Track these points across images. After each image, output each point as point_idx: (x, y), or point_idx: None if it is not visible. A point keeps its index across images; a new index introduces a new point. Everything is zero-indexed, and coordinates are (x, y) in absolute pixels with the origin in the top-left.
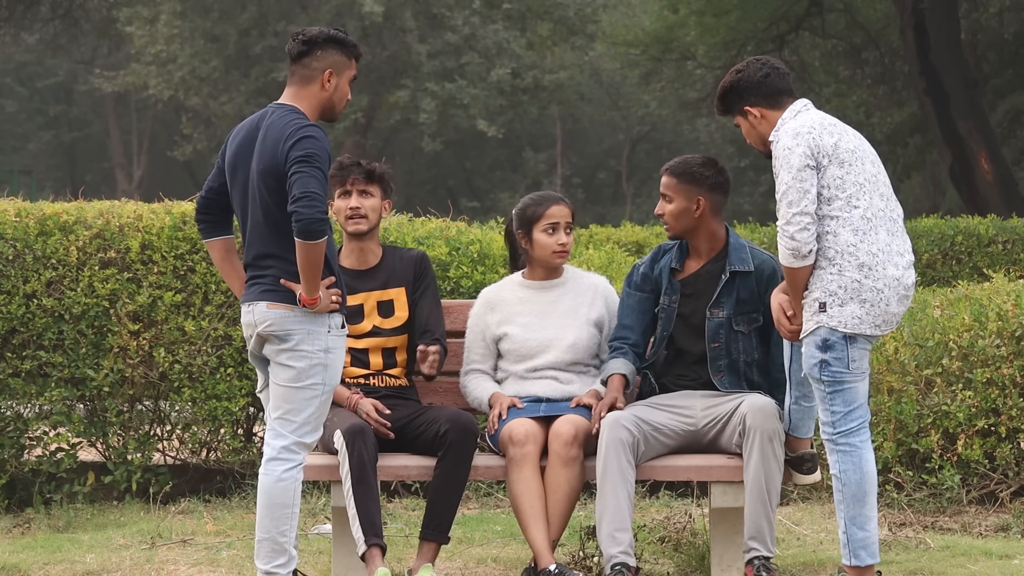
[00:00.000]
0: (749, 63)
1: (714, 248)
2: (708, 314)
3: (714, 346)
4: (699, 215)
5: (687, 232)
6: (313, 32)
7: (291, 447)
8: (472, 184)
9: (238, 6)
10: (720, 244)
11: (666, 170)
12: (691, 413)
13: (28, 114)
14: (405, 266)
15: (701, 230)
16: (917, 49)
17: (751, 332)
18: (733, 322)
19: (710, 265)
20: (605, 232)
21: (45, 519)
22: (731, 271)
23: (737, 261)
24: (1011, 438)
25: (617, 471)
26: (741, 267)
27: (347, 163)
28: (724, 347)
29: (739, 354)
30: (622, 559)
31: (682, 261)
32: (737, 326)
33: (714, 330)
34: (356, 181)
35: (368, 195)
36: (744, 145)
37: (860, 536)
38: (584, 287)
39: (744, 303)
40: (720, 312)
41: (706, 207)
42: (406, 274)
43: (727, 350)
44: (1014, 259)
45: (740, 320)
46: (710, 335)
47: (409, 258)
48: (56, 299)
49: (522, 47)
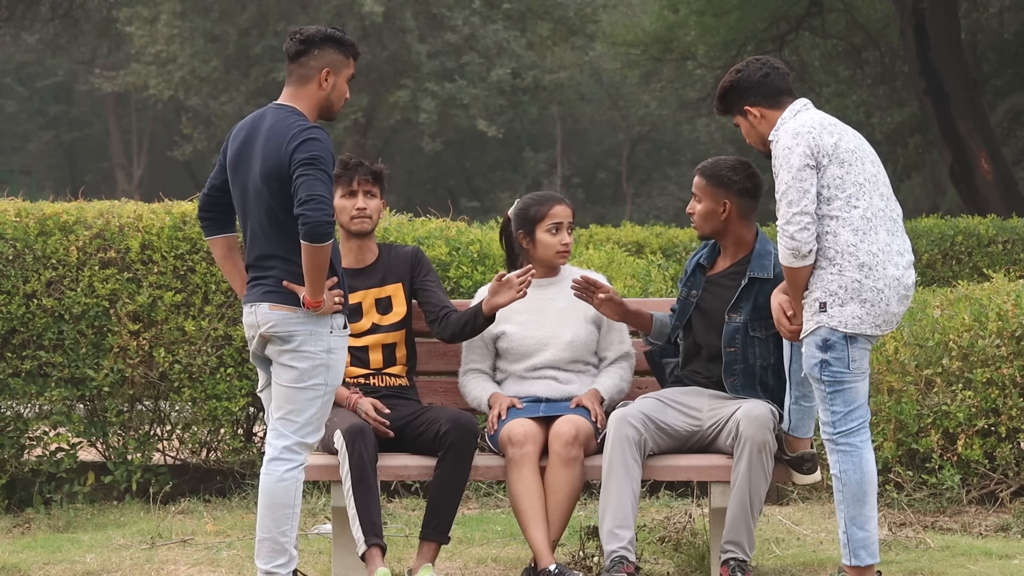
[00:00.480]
0: (749, 63)
1: (740, 251)
2: (727, 318)
3: (730, 351)
4: (725, 217)
5: (714, 233)
6: (310, 31)
7: (293, 447)
8: (472, 184)
9: (238, 6)
10: (747, 248)
11: (698, 170)
12: (698, 414)
13: (28, 114)
14: (401, 262)
15: (728, 232)
16: (917, 49)
17: (768, 338)
18: (749, 327)
19: (735, 267)
20: (605, 232)
21: (45, 519)
22: (750, 277)
23: (758, 268)
24: (1011, 438)
25: (622, 468)
26: (761, 274)
27: (353, 163)
28: (740, 352)
29: (755, 359)
30: (622, 552)
31: (713, 259)
32: (753, 332)
33: (731, 335)
34: (363, 182)
35: (372, 195)
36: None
37: (860, 536)
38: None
39: (761, 309)
40: (737, 317)
41: (733, 210)
42: (402, 270)
43: (743, 355)
44: (1014, 259)
45: (757, 326)
46: (726, 339)
47: (404, 254)
48: (56, 299)
49: (522, 47)
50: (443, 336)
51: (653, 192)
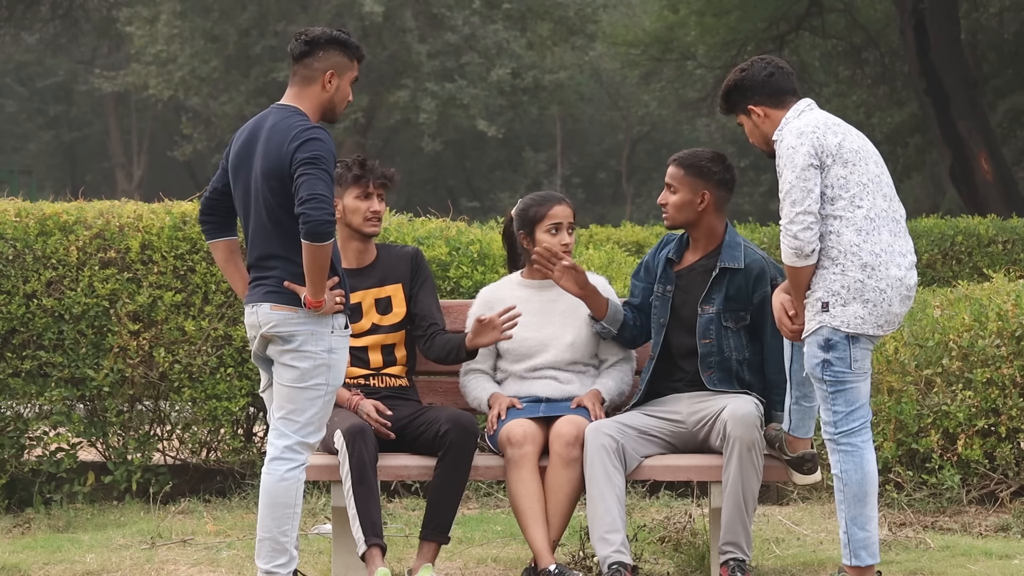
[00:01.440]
0: (754, 62)
1: (711, 243)
2: (699, 310)
3: (705, 342)
4: (702, 209)
5: (687, 224)
6: (316, 32)
7: (294, 447)
8: (472, 184)
9: (238, 6)
10: (717, 240)
11: (674, 160)
12: (678, 417)
13: (28, 114)
14: (400, 263)
15: (701, 224)
16: (917, 49)
17: (740, 330)
18: (722, 318)
19: (705, 260)
20: (605, 232)
21: (45, 519)
22: (721, 267)
23: (728, 258)
24: (1011, 438)
25: (603, 475)
26: (731, 264)
27: (370, 165)
28: (715, 343)
29: (730, 351)
30: (616, 558)
31: (680, 253)
32: (726, 322)
33: (704, 326)
34: (378, 185)
35: (382, 199)
36: (745, 145)
37: (861, 536)
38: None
39: (732, 300)
40: (710, 308)
41: (710, 202)
42: (402, 270)
43: (718, 347)
44: (1014, 259)
45: (728, 317)
46: (701, 331)
47: (404, 254)
48: (56, 299)
49: (522, 47)
50: (427, 356)
51: (653, 192)
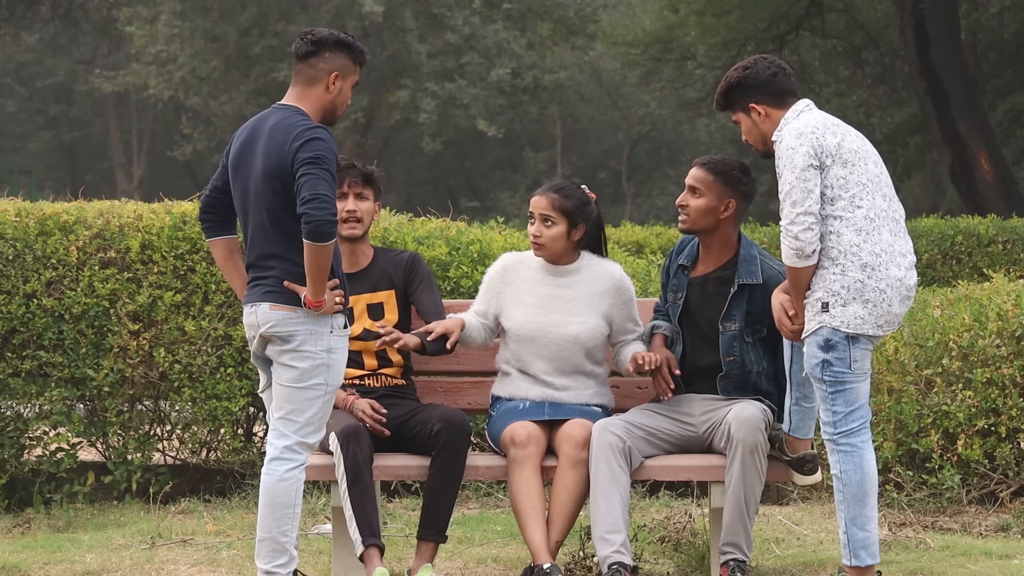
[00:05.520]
0: (757, 61)
1: (725, 254)
2: (721, 327)
3: (730, 360)
4: (724, 217)
5: (704, 231)
6: (323, 33)
7: (294, 447)
8: (472, 184)
9: (238, 6)
10: (731, 252)
11: (703, 164)
12: (691, 420)
13: (28, 114)
14: (396, 269)
15: (718, 232)
16: (917, 49)
17: (757, 342)
18: (744, 334)
19: (719, 272)
20: (605, 232)
21: (45, 519)
22: (740, 284)
23: (746, 274)
24: (1011, 438)
25: (607, 475)
26: (749, 280)
27: (344, 165)
28: (739, 360)
29: (752, 365)
30: (616, 558)
31: (694, 260)
32: (747, 338)
33: (728, 343)
34: (353, 184)
35: (363, 198)
36: (744, 146)
37: (860, 536)
38: (596, 276)
39: (752, 315)
40: (732, 325)
41: (733, 211)
42: (396, 277)
43: (741, 362)
44: (1014, 259)
45: (749, 332)
46: (725, 348)
47: (400, 260)
48: (56, 299)
49: (522, 47)
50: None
51: (653, 192)
